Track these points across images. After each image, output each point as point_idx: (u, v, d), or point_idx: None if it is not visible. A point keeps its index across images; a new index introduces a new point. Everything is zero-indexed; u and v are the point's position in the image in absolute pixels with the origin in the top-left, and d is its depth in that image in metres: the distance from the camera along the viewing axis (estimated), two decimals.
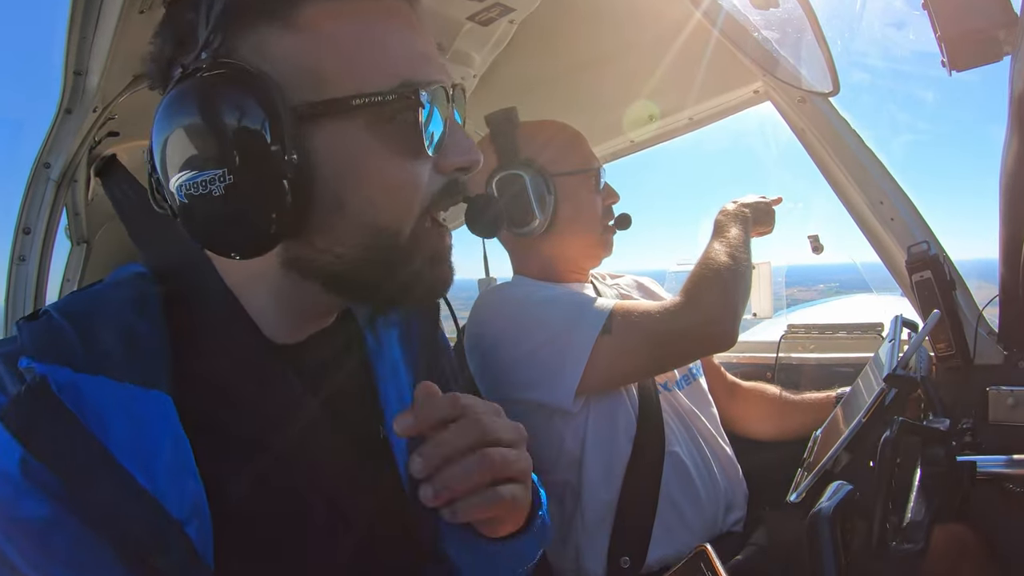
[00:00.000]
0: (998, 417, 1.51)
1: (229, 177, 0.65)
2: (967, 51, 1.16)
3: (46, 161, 1.25)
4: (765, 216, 1.72)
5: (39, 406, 0.64)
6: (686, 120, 2.19)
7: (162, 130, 0.68)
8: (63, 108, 1.23)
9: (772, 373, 2.06)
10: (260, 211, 0.68)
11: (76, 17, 1.11)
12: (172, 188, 0.69)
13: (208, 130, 0.66)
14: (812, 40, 1.35)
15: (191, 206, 0.68)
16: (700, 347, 1.52)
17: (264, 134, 0.65)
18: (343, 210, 0.71)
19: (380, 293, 0.79)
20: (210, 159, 0.66)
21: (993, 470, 1.07)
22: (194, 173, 0.66)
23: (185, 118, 0.66)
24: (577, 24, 1.74)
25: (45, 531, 0.63)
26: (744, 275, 1.48)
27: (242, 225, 0.69)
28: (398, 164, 0.73)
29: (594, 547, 1.49)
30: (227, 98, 0.65)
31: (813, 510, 0.87)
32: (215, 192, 0.66)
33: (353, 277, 0.76)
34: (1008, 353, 1.55)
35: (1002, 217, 1.31)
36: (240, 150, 0.65)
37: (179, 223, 0.72)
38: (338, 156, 0.70)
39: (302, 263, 0.75)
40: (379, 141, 0.71)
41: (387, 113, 0.71)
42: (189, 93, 0.66)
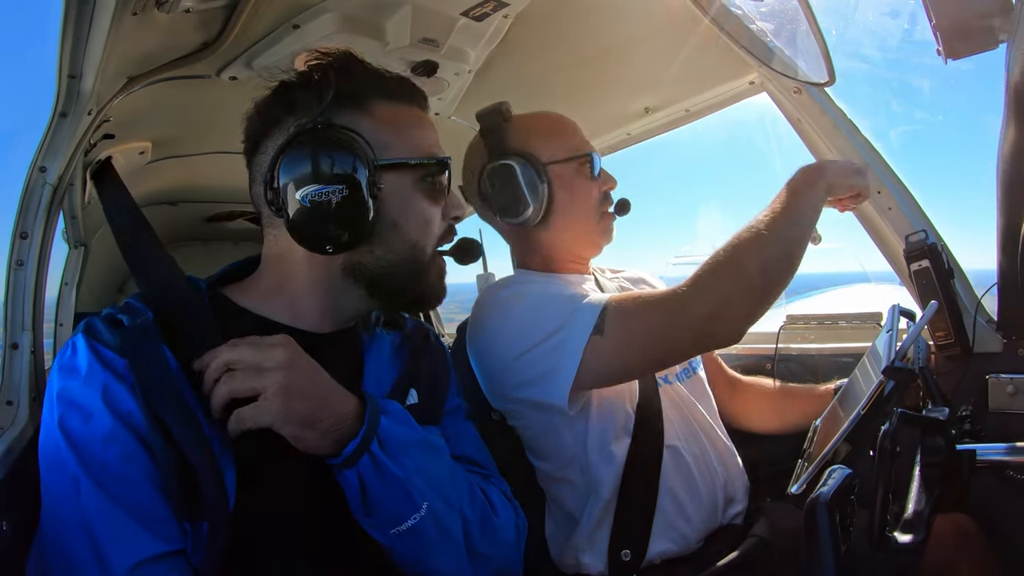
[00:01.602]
0: (998, 405, 1.51)
1: (344, 192, 1.02)
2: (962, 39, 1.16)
3: (42, 165, 1.24)
4: (853, 177, 1.43)
5: (146, 337, 0.98)
6: (683, 112, 2.19)
7: (295, 158, 1.03)
8: (58, 112, 1.22)
9: (771, 363, 2.07)
10: (356, 216, 1.04)
11: (69, 20, 1.10)
12: (298, 196, 1.02)
13: (334, 161, 1.02)
14: (807, 31, 1.35)
15: (311, 209, 1.02)
16: (695, 344, 1.45)
17: (365, 168, 1.03)
18: (396, 229, 1.10)
19: (405, 297, 1.17)
20: (333, 179, 1.02)
21: (993, 458, 1.07)
22: (320, 186, 1.01)
23: (317, 151, 1.02)
24: (572, 18, 1.73)
25: (108, 440, 0.90)
26: (780, 260, 1.30)
27: (344, 225, 1.04)
28: (428, 205, 1.14)
29: (595, 541, 1.50)
30: (347, 143, 1.04)
31: (811, 495, 0.87)
32: (333, 200, 1.02)
33: (390, 283, 1.13)
34: (1007, 341, 1.56)
35: (999, 205, 1.32)
36: (351, 177, 1.02)
37: (287, 223, 1.04)
38: (396, 194, 1.09)
39: (358, 268, 1.11)
40: (418, 189, 1.13)
41: (423, 171, 1.13)
42: (320, 136, 1.03)
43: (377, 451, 1.01)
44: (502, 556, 1.22)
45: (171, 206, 2.50)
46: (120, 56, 1.25)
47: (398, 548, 1.06)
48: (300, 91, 1.09)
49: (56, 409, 0.94)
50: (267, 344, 0.97)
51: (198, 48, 1.41)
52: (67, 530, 0.89)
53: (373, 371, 1.20)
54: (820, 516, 0.84)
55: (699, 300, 1.29)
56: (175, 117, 1.78)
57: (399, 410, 1.10)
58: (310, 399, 0.97)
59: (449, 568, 1.12)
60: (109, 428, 0.91)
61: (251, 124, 1.13)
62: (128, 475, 0.91)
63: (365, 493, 1.01)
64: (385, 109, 1.12)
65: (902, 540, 0.93)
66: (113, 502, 0.89)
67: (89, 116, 1.26)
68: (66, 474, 0.90)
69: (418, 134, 1.15)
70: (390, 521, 1.03)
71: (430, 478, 1.08)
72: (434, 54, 1.66)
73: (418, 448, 1.08)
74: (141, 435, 0.93)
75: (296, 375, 0.96)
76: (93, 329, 0.98)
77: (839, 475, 0.89)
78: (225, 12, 1.33)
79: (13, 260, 1.25)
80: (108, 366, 0.95)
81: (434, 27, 1.59)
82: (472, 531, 1.16)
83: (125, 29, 1.16)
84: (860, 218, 1.84)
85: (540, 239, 1.66)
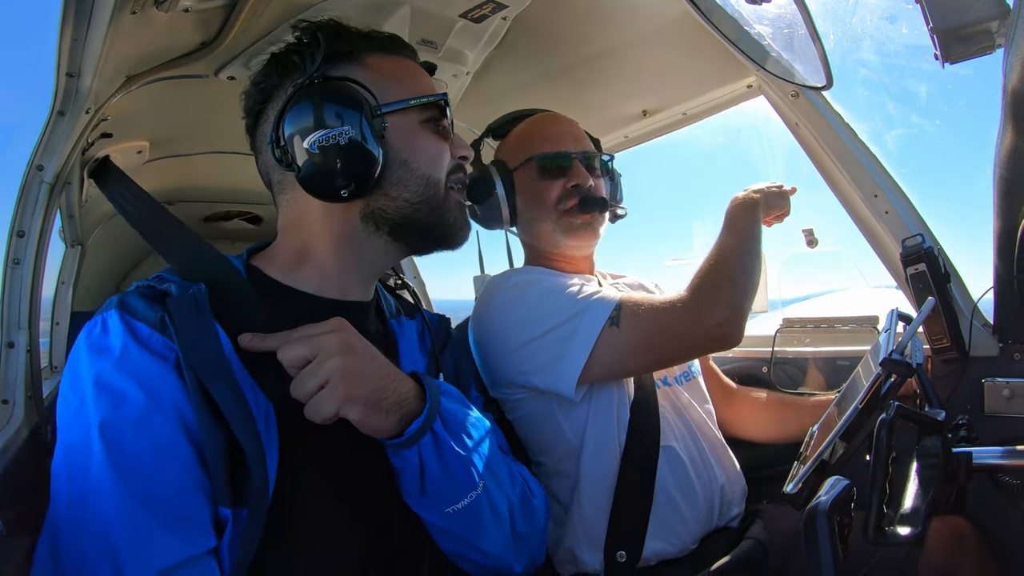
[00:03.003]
0: (994, 409, 1.52)
1: (350, 132, 1.02)
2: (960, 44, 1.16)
3: (39, 164, 1.24)
4: (777, 200, 1.67)
5: (199, 310, 0.96)
6: (680, 115, 2.20)
7: (300, 113, 1.03)
8: (55, 110, 1.22)
9: (768, 367, 2.07)
10: (365, 157, 1.05)
11: (68, 19, 1.10)
12: (305, 145, 1.02)
13: (337, 106, 1.03)
14: (805, 34, 1.35)
15: (320, 155, 1.02)
16: (706, 346, 1.54)
17: (367, 110, 1.05)
18: (407, 166, 1.11)
19: (430, 235, 1.18)
20: (337, 122, 1.02)
21: (989, 461, 1.07)
22: (326, 131, 1.02)
23: (321, 100, 1.03)
24: (570, 20, 1.74)
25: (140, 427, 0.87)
26: (754, 272, 1.46)
27: (354, 166, 1.04)
28: (435, 140, 1.16)
29: (591, 540, 1.50)
30: (348, 89, 1.06)
31: (810, 504, 0.87)
32: (341, 142, 1.02)
33: (411, 223, 1.13)
34: (1004, 345, 1.56)
35: (996, 209, 1.32)
36: (355, 116, 1.03)
37: (299, 175, 1.05)
38: (402, 134, 1.11)
39: (377, 214, 1.12)
40: (423, 127, 1.14)
41: (425, 112, 1.15)
42: (321, 88, 1.05)
43: (440, 430, 1.03)
44: (537, 537, 1.25)
45: (168, 206, 2.50)
46: (118, 55, 1.25)
47: (452, 527, 1.08)
48: (293, 55, 1.11)
49: (84, 392, 0.89)
50: (319, 334, 0.98)
51: (196, 48, 1.41)
52: (85, 534, 0.84)
53: (408, 355, 1.23)
54: (819, 525, 0.85)
55: (713, 306, 1.39)
56: (173, 116, 1.78)
57: (453, 390, 1.14)
58: (370, 379, 0.98)
59: (497, 547, 1.14)
60: (142, 413, 0.88)
61: (249, 98, 1.15)
62: (158, 467, 0.87)
63: (424, 473, 1.02)
64: (379, 60, 1.14)
65: (899, 534, 0.93)
66: (138, 500, 0.85)
67: (87, 115, 1.26)
68: (89, 465, 0.85)
69: (415, 80, 1.18)
70: (447, 500, 1.05)
71: (483, 457, 1.10)
72: (432, 56, 1.67)
73: (474, 427, 1.11)
74: (181, 419, 0.90)
75: (353, 358, 0.97)
76: (128, 305, 0.94)
77: (838, 485, 0.89)
78: (224, 12, 1.33)
79: (9, 258, 1.25)
80: (145, 345, 0.92)
81: (432, 28, 1.59)
82: (515, 510, 1.18)
83: (124, 28, 1.16)
84: (857, 222, 1.84)
85: (523, 240, 1.81)
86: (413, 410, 1.01)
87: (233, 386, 0.92)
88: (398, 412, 1.00)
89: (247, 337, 0.98)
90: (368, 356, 1.00)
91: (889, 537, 0.93)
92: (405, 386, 1.02)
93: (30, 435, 1.22)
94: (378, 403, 0.97)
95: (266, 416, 0.96)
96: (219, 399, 0.91)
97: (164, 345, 0.92)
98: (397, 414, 1.00)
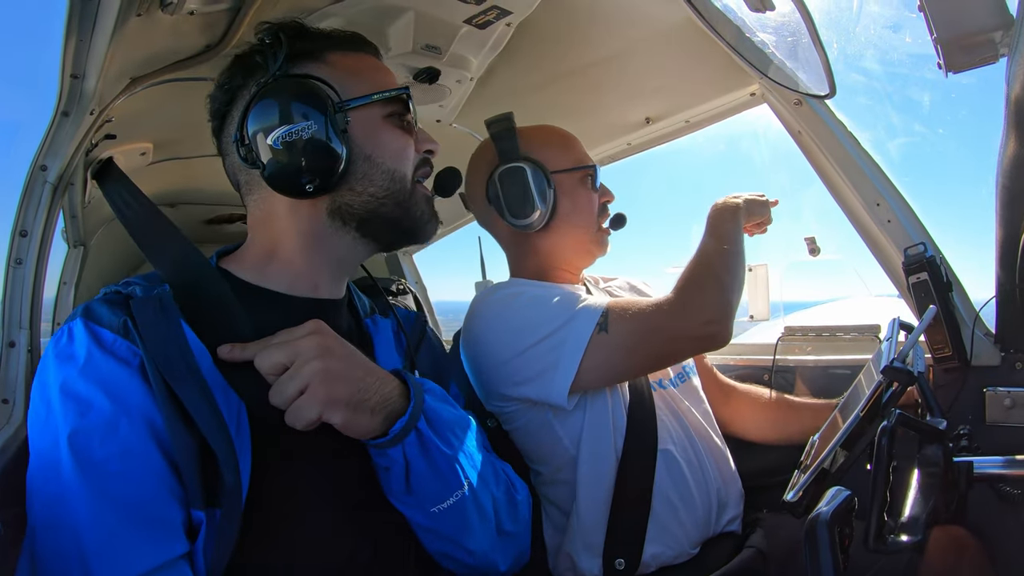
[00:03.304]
0: (995, 418, 1.51)
1: (313, 127, 1.03)
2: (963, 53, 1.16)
3: (43, 164, 1.25)
4: (759, 208, 1.69)
5: (163, 310, 0.95)
6: (682, 123, 2.20)
7: (262, 109, 1.04)
8: (60, 111, 1.22)
9: (769, 375, 2.06)
10: (328, 153, 1.05)
11: (73, 20, 1.10)
12: (269, 141, 1.03)
13: (298, 102, 1.04)
14: (808, 43, 1.35)
15: (284, 151, 1.03)
16: (695, 346, 1.53)
17: (331, 105, 1.06)
18: (371, 161, 1.11)
19: (397, 229, 1.17)
20: (299, 118, 1.03)
21: (990, 471, 1.07)
22: (288, 127, 1.03)
23: (282, 97, 1.04)
24: (574, 27, 1.74)
25: (107, 433, 0.86)
26: (736, 271, 1.48)
27: (318, 161, 1.04)
28: (398, 135, 1.16)
29: (589, 546, 1.49)
30: (309, 86, 1.07)
31: (811, 515, 0.86)
32: (304, 136, 1.03)
33: (378, 217, 1.14)
34: (1005, 354, 1.56)
35: (998, 218, 1.32)
36: (317, 111, 1.04)
37: (264, 173, 1.06)
38: (365, 129, 1.11)
39: (344, 209, 1.12)
40: (387, 122, 1.15)
41: (389, 107, 1.15)
42: (283, 85, 1.06)
43: (424, 428, 1.03)
44: (523, 534, 1.25)
45: (171, 208, 2.50)
46: (123, 57, 1.25)
47: (438, 526, 1.08)
48: (256, 55, 1.12)
49: (51, 401, 0.89)
50: (296, 337, 0.97)
51: (201, 50, 1.42)
52: (59, 542, 0.84)
53: (384, 354, 1.22)
54: (820, 535, 0.84)
55: (699, 305, 1.40)
56: (177, 119, 1.78)
57: (436, 388, 1.14)
58: (351, 380, 0.97)
59: (482, 546, 1.13)
60: (109, 420, 0.87)
61: (215, 100, 1.16)
62: (127, 473, 0.86)
63: (410, 472, 1.02)
64: (341, 57, 1.15)
65: (899, 541, 0.92)
66: (109, 508, 0.84)
67: (91, 116, 1.27)
68: (59, 474, 0.85)
69: (376, 76, 1.18)
70: (432, 499, 1.05)
71: (468, 454, 1.11)
72: (436, 61, 1.67)
73: (459, 425, 1.12)
74: (149, 424, 0.89)
75: (332, 360, 0.96)
76: (91, 312, 0.94)
77: (839, 496, 0.89)
78: (229, 15, 1.34)
79: (12, 258, 1.25)
80: (109, 351, 0.91)
81: (437, 34, 1.60)
82: (500, 508, 1.18)
83: (129, 30, 1.16)
84: (859, 230, 1.84)
85: (539, 245, 1.70)
86: (397, 409, 1.01)
87: (201, 387, 0.91)
88: (382, 411, 0.99)
89: (226, 348, 0.98)
90: (348, 357, 1.00)
91: (890, 545, 0.92)
92: (388, 385, 1.01)
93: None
94: (361, 404, 0.96)
95: (238, 416, 0.95)
96: (186, 400, 0.90)
97: (128, 350, 0.92)
98: (381, 414, 0.99)
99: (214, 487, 0.90)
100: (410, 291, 1.46)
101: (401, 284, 1.45)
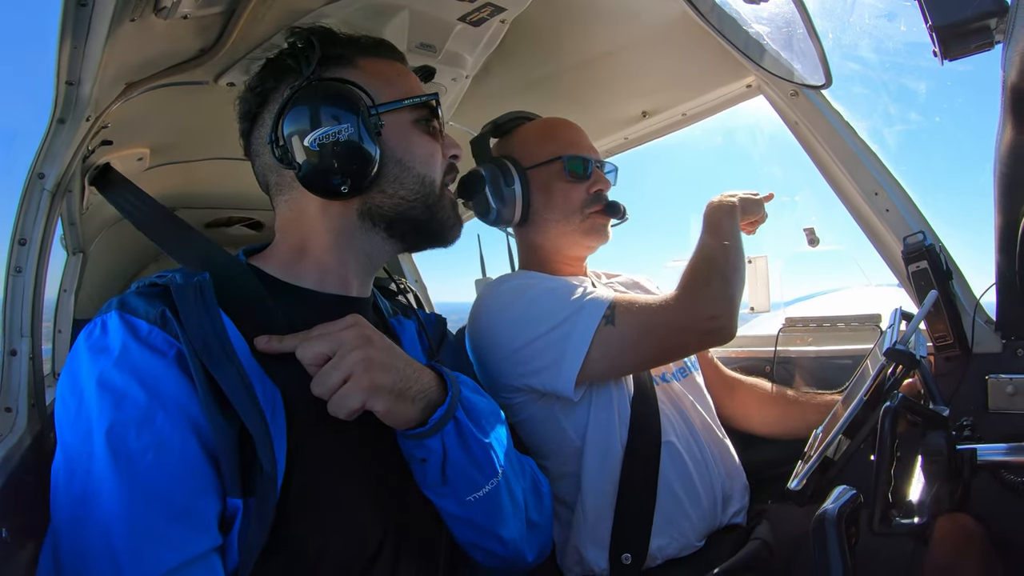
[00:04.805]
0: (998, 405, 1.51)
1: (349, 130, 1.05)
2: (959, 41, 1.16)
3: (40, 171, 1.24)
4: (754, 206, 1.72)
5: (203, 297, 0.96)
6: (679, 116, 2.20)
7: (299, 112, 1.06)
8: (56, 118, 1.22)
9: (771, 366, 2.06)
10: (364, 154, 1.07)
11: (67, 26, 1.10)
12: (305, 143, 1.05)
13: (335, 104, 1.06)
14: (803, 33, 1.35)
15: (320, 152, 1.05)
16: (700, 341, 1.55)
17: (365, 108, 1.08)
18: (402, 166, 1.14)
19: (424, 232, 1.20)
20: (336, 120, 1.05)
21: (994, 458, 1.07)
22: (326, 128, 1.04)
23: (318, 101, 1.06)
24: (568, 22, 1.74)
25: (143, 424, 0.86)
26: (739, 266, 1.50)
27: (353, 162, 1.06)
28: (427, 141, 1.19)
29: (596, 540, 1.50)
30: (345, 90, 1.08)
31: (818, 512, 0.87)
32: (340, 138, 1.05)
33: (407, 220, 1.16)
34: (1006, 341, 1.56)
35: (997, 205, 1.32)
36: (353, 115, 1.06)
37: (299, 173, 1.07)
38: (396, 134, 1.13)
39: (374, 211, 1.14)
40: (415, 127, 1.17)
41: (417, 112, 1.18)
42: (319, 88, 1.08)
43: (462, 417, 1.05)
44: (547, 527, 1.27)
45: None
46: (118, 62, 1.25)
47: (472, 516, 1.09)
48: (289, 59, 1.14)
49: (84, 395, 0.88)
50: (337, 330, 0.99)
51: (196, 54, 1.41)
52: (87, 536, 0.82)
53: (410, 352, 1.20)
54: (828, 532, 0.84)
55: (705, 300, 1.43)
56: (173, 123, 1.78)
57: (468, 380, 1.17)
58: (392, 369, 0.99)
59: (514, 534, 1.15)
60: (144, 411, 0.86)
61: (245, 102, 1.18)
62: (162, 465, 0.85)
63: (447, 461, 1.04)
64: (371, 63, 1.18)
65: (904, 523, 0.93)
66: (142, 500, 0.83)
67: (87, 122, 1.26)
68: (90, 469, 0.84)
69: (406, 81, 1.22)
70: (468, 488, 1.07)
71: (502, 444, 1.13)
72: (431, 59, 1.67)
73: (492, 415, 1.14)
74: (186, 415, 0.89)
75: (373, 350, 0.98)
76: (127, 304, 0.94)
77: (846, 494, 0.89)
78: (223, 18, 1.34)
79: (11, 266, 1.25)
80: (144, 342, 0.91)
81: (431, 32, 1.59)
82: (528, 498, 1.20)
83: (123, 35, 1.16)
84: (858, 220, 1.84)
85: (530, 239, 1.78)
86: (435, 399, 1.03)
87: (239, 372, 0.92)
88: (422, 400, 1.01)
89: (263, 340, 0.99)
90: (388, 348, 1.02)
91: (895, 527, 0.92)
92: (425, 375, 1.05)
93: (33, 443, 1.22)
94: (402, 393, 0.99)
95: (273, 403, 0.96)
96: (224, 385, 0.90)
97: (164, 341, 0.92)
98: (421, 402, 1.01)
99: (251, 475, 0.91)
100: (410, 290, 1.46)
101: (401, 283, 1.46)
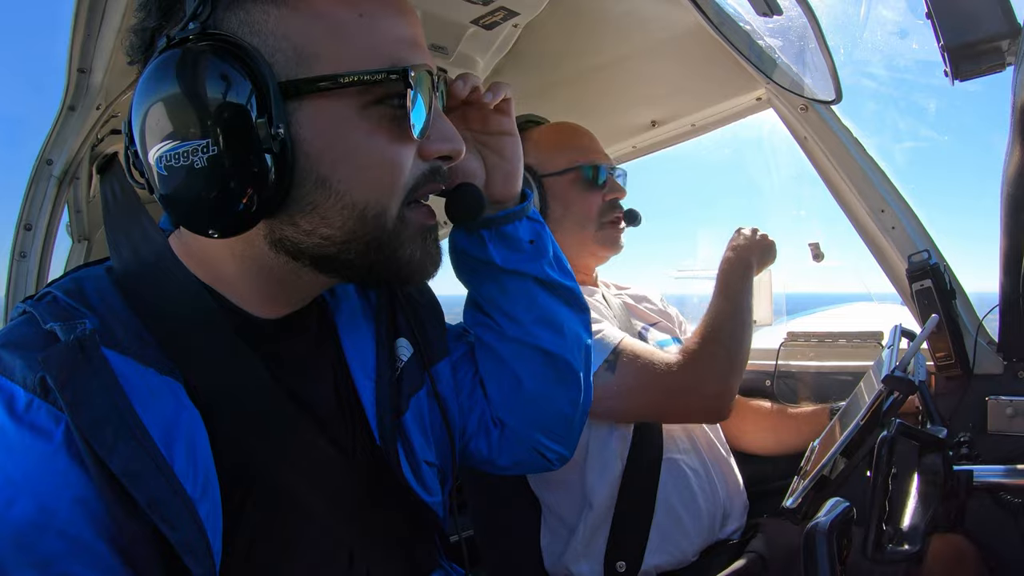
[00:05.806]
0: (997, 427, 1.51)
1: (212, 148, 0.66)
2: (970, 61, 1.16)
3: (48, 158, 1.25)
4: (768, 256, 1.71)
5: (86, 359, 0.65)
6: (688, 126, 2.19)
7: (144, 99, 0.68)
8: (66, 105, 1.22)
9: (771, 381, 2.06)
10: (241, 185, 0.67)
11: (80, 15, 1.10)
12: (151, 159, 0.69)
13: (193, 100, 0.66)
14: (815, 48, 1.35)
15: (170, 178, 0.68)
16: (695, 415, 1.55)
17: (250, 106, 0.66)
18: (326, 188, 0.72)
19: (374, 274, 0.80)
20: (193, 129, 0.66)
21: (990, 480, 1.06)
22: (176, 143, 0.66)
23: (169, 87, 0.66)
24: (581, 29, 1.74)
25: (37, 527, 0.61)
26: (745, 342, 1.49)
27: (223, 199, 0.68)
28: (382, 145, 0.74)
29: (591, 551, 1.49)
30: (214, 69, 0.66)
31: (810, 525, 0.86)
32: (196, 164, 0.66)
33: (346, 259, 0.77)
34: (1008, 363, 1.56)
35: (1003, 227, 1.31)
36: (224, 121, 0.66)
37: (157, 199, 0.71)
38: (323, 133, 0.71)
39: (289, 245, 0.76)
40: (365, 121, 0.72)
41: (375, 93, 0.72)
42: (175, 62, 0.67)
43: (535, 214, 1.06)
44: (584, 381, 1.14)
45: None
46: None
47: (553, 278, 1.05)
48: None
49: None
50: None
51: None
52: None
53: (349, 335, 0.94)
54: (819, 545, 0.84)
55: (708, 375, 1.43)
56: None
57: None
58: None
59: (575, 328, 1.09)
60: (33, 523, 0.60)
61: (131, 52, 0.79)
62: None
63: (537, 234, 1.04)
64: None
65: (898, 551, 0.92)
66: None
67: (97, 111, 1.27)
68: None
69: (377, 23, 0.74)
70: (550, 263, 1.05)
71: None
72: (443, 61, 1.67)
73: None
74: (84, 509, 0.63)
75: None
76: (2, 361, 0.66)
77: (838, 507, 0.89)
78: None
79: (16, 251, 1.25)
80: (23, 421, 0.62)
81: (444, 34, 1.60)
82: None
83: None
84: (863, 237, 1.84)
85: None
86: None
87: (147, 453, 0.65)
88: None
89: None
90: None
91: (888, 554, 0.92)
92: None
93: None
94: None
95: (207, 476, 0.70)
96: (121, 473, 0.63)
97: (48, 415, 0.63)
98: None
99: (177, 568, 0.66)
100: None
101: None
